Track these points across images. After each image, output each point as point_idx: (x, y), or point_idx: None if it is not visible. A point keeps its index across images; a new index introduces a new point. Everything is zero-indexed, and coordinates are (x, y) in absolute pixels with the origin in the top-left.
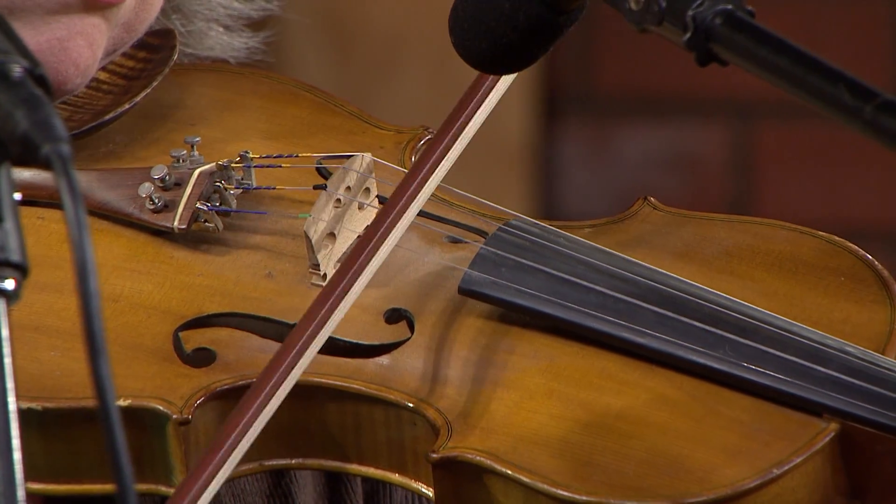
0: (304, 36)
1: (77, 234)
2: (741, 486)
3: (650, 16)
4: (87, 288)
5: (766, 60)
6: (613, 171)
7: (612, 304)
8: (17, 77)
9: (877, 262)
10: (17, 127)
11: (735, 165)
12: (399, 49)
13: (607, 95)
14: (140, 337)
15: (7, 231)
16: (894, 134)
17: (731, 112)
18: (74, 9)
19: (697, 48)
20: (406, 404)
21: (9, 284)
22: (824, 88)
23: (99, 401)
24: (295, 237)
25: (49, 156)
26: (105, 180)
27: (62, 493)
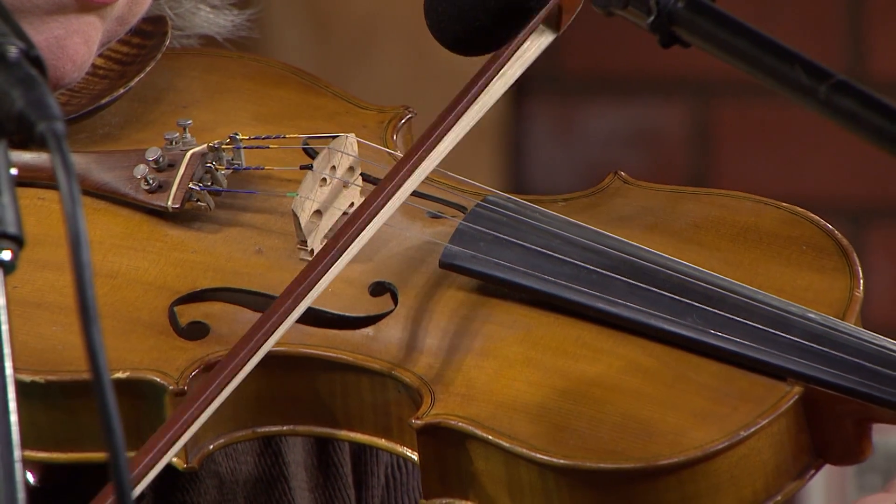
0: (285, 13)
1: (70, 207)
2: (710, 448)
3: (616, 0)
4: (79, 259)
5: (726, 42)
6: (579, 147)
7: (585, 275)
8: (13, 58)
9: (836, 231)
10: (14, 106)
11: (695, 141)
12: (376, 29)
13: (574, 75)
14: (137, 311)
15: (4, 205)
16: (847, 112)
17: (692, 91)
18: (71, 9)
19: (660, 31)
20: (391, 373)
21: (6, 255)
22: (781, 69)
23: (91, 366)
24: (283, 215)
25: (44, 133)
26: (102, 162)
27: (63, 461)
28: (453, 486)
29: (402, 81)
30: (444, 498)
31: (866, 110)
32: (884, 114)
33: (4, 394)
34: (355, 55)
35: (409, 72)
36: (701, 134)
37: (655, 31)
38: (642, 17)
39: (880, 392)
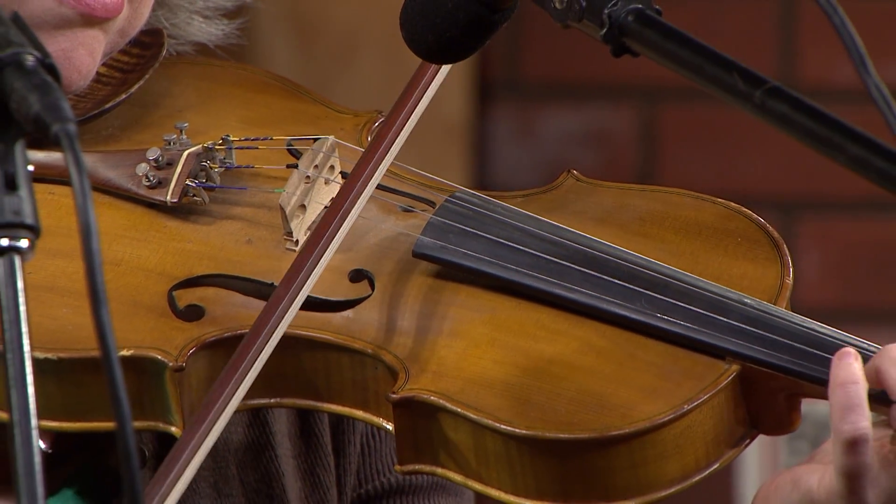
0: (272, 24)
1: (81, 200)
2: (657, 420)
3: (572, 14)
4: (89, 247)
5: (671, 52)
6: (538, 146)
7: (543, 264)
8: (30, 66)
9: (768, 224)
10: (31, 109)
11: (642, 142)
12: (357, 41)
13: (533, 81)
14: (139, 295)
15: (22, 198)
16: (780, 115)
17: (639, 95)
18: (76, 24)
19: (612, 41)
20: (368, 351)
21: (23, 243)
22: (720, 76)
23: (100, 343)
24: (271, 209)
25: (58, 133)
26: (107, 161)
27: (74, 430)
28: (425, 454)
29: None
30: (417, 464)
31: (797, 113)
32: (812, 116)
33: (23, 369)
34: (338, 64)
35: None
36: (647, 135)
37: (608, 42)
38: (596, 30)
39: (808, 370)
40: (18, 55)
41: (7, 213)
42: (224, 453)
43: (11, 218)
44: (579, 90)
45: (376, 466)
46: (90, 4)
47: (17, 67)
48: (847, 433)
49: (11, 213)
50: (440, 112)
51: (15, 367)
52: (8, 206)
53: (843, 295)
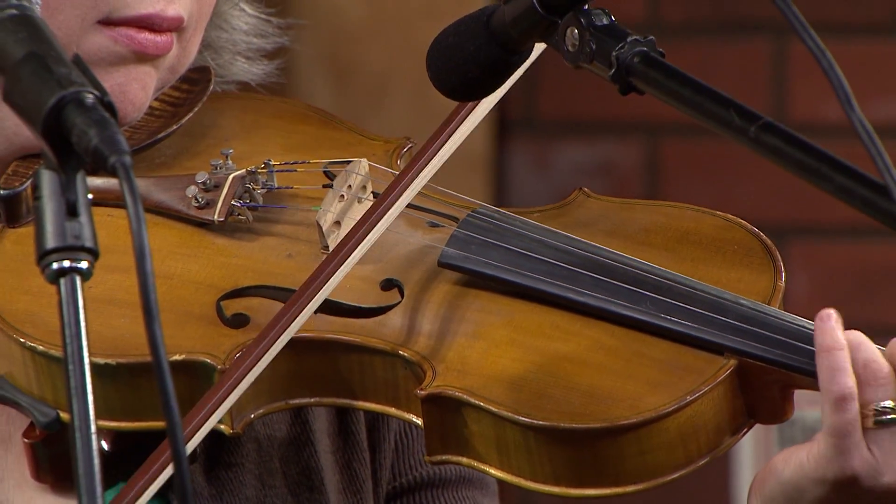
0: (311, 65)
1: (136, 225)
2: (662, 410)
3: (583, 56)
4: (143, 268)
5: (674, 91)
6: (552, 177)
7: (557, 271)
8: (90, 103)
9: (762, 234)
10: (90, 142)
11: (646, 172)
12: (387, 81)
13: (547, 118)
14: (190, 306)
15: (82, 223)
16: (772, 148)
17: (644, 130)
18: (130, 61)
19: (620, 81)
20: (398, 353)
21: (83, 265)
22: (718, 112)
23: (152, 353)
24: (309, 226)
25: (115, 165)
26: (160, 185)
27: (129, 429)
28: (451, 446)
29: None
30: (444, 454)
31: (788, 146)
32: (802, 149)
33: (83, 379)
34: (371, 103)
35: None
36: (651, 166)
37: (616, 82)
38: (605, 70)
39: (800, 363)
40: (79, 93)
41: (69, 237)
42: (268, 448)
43: (73, 242)
44: (589, 126)
45: (409, 462)
46: (142, 43)
47: (78, 105)
48: (835, 392)
49: (73, 238)
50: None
51: (76, 378)
52: (69, 231)
53: None
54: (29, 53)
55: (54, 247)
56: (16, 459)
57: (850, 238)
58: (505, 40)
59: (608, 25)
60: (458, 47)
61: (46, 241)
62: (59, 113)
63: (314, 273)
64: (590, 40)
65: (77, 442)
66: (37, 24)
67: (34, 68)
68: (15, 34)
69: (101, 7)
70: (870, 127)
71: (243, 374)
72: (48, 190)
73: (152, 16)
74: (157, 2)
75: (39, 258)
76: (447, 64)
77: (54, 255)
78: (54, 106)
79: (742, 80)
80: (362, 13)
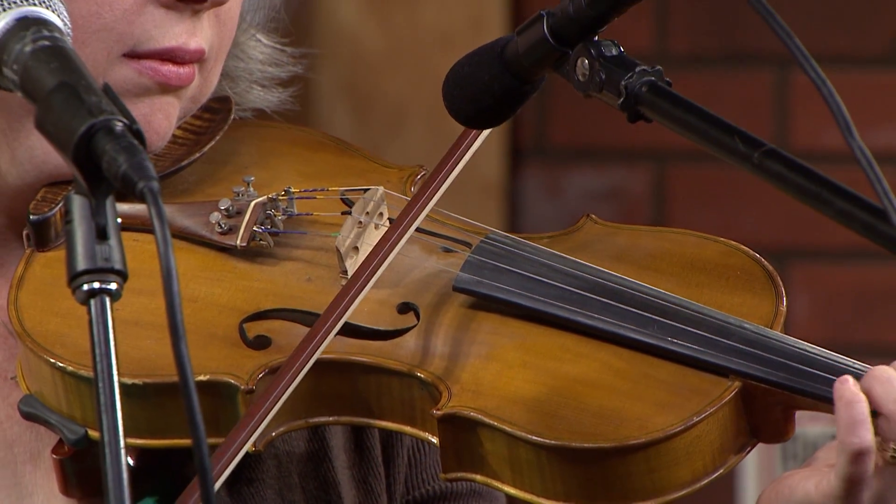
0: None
1: (163, 248)
2: (670, 431)
3: (593, 85)
4: (170, 288)
5: (680, 118)
6: (563, 202)
7: (567, 295)
8: (119, 130)
9: (764, 259)
10: (119, 168)
11: (654, 198)
12: (405, 111)
13: (559, 145)
14: (214, 328)
15: (112, 246)
16: (775, 173)
17: (652, 157)
18: (154, 91)
19: (628, 109)
20: (415, 374)
21: (113, 286)
22: (723, 139)
23: (179, 372)
24: (328, 251)
25: (143, 190)
26: (184, 211)
27: (155, 446)
28: (466, 463)
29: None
30: (459, 472)
31: (790, 172)
32: (804, 175)
33: (113, 397)
34: (389, 131)
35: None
36: (659, 191)
37: (624, 110)
38: (614, 99)
39: (802, 385)
40: (109, 121)
41: (99, 259)
42: (287, 464)
43: (102, 264)
44: (599, 152)
45: (422, 476)
46: (166, 75)
47: (107, 132)
48: (854, 445)
49: (102, 260)
50: (478, 172)
51: (105, 395)
52: (99, 254)
53: (829, 333)
54: (61, 83)
55: (85, 269)
56: (45, 475)
57: (850, 261)
58: (518, 70)
59: (617, 56)
60: (473, 77)
61: (77, 263)
62: (90, 140)
63: (335, 299)
64: (599, 70)
65: (107, 456)
66: (68, 55)
67: (66, 97)
68: (48, 64)
69: (126, 41)
70: (869, 153)
71: (276, 398)
72: (79, 214)
73: (175, 49)
74: (179, 35)
75: (71, 280)
76: (462, 93)
77: (85, 277)
78: (85, 133)
79: (746, 108)
80: (381, 44)
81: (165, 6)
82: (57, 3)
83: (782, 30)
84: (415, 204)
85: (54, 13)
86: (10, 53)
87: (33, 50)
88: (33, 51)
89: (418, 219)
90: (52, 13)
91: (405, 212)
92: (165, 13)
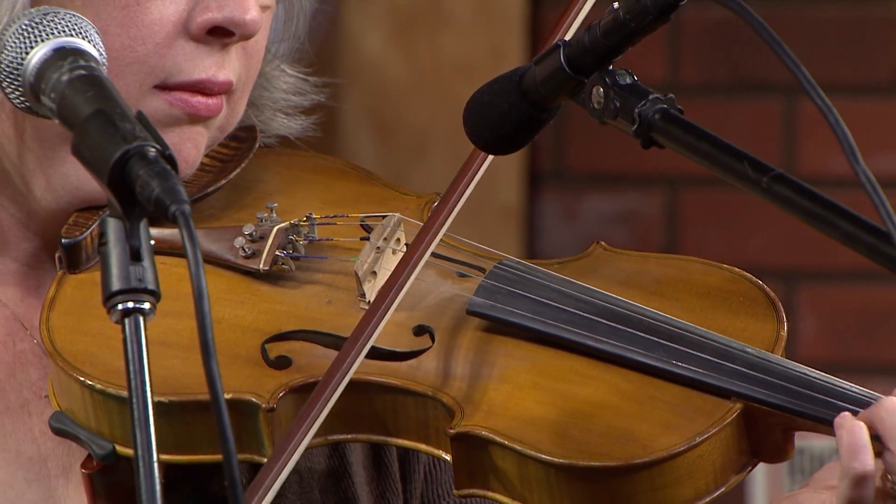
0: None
1: (195, 268)
2: (674, 450)
3: (608, 112)
4: (202, 308)
5: (692, 145)
6: (579, 226)
7: (577, 319)
8: (152, 156)
9: (766, 286)
10: (153, 192)
11: (667, 221)
12: (427, 138)
13: (575, 170)
14: (237, 348)
15: (146, 267)
16: (783, 197)
17: (664, 182)
18: (183, 122)
19: (642, 136)
20: (429, 394)
21: (146, 306)
22: (733, 165)
23: (210, 388)
24: (347, 275)
25: (175, 213)
26: (209, 235)
27: (182, 462)
28: (478, 480)
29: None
30: (471, 488)
31: (798, 196)
32: (811, 199)
33: (147, 413)
34: (412, 157)
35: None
36: (671, 215)
37: (638, 136)
38: (628, 126)
39: (801, 407)
40: (143, 147)
41: (133, 280)
42: (309, 480)
43: (136, 284)
44: (614, 178)
45: (437, 492)
46: (195, 106)
47: (141, 157)
48: (856, 470)
49: (136, 280)
50: (496, 197)
51: (139, 411)
52: (133, 275)
53: (835, 352)
54: (96, 111)
55: (119, 289)
56: (75, 489)
57: (856, 282)
58: (535, 98)
59: (631, 84)
60: (493, 105)
61: (112, 283)
62: (124, 165)
63: (361, 323)
64: (614, 98)
65: (140, 471)
66: (104, 83)
67: (101, 124)
68: (84, 93)
69: (158, 73)
70: (873, 178)
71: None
72: (114, 236)
73: (205, 81)
74: (209, 68)
75: (106, 299)
76: (482, 120)
77: (119, 297)
78: (119, 159)
79: (755, 135)
80: (404, 73)
81: (196, 40)
82: (93, 34)
83: (790, 60)
84: (429, 228)
85: (90, 43)
86: (49, 82)
87: (70, 79)
88: (70, 80)
89: (434, 240)
90: (89, 44)
91: (421, 235)
92: (195, 47)
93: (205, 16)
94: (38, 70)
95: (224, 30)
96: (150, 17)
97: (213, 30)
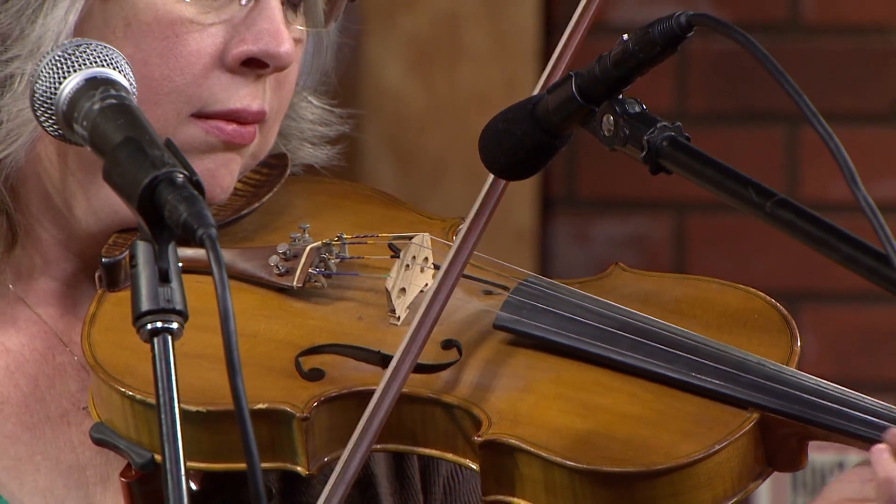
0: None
1: (220, 290)
2: (693, 457)
3: (618, 140)
4: (227, 328)
5: (698, 171)
6: (590, 249)
7: (600, 333)
8: (180, 182)
9: (779, 304)
10: (180, 216)
11: (674, 245)
12: (445, 165)
13: (586, 196)
14: (272, 361)
15: (174, 289)
16: (786, 221)
17: (672, 207)
18: (219, 149)
19: (651, 162)
20: (458, 404)
21: (174, 325)
22: (738, 190)
23: (235, 403)
24: (377, 291)
25: (202, 237)
26: (244, 255)
27: (218, 470)
28: (504, 487)
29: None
30: (498, 495)
31: (800, 220)
32: (813, 223)
33: (175, 427)
34: (430, 184)
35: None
36: (679, 239)
37: (647, 163)
38: (637, 153)
39: (815, 417)
40: (171, 173)
41: (161, 301)
42: None
43: (164, 305)
44: (624, 202)
45: (457, 503)
46: (230, 134)
47: (169, 183)
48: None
49: (165, 301)
50: (511, 221)
51: (167, 424)
52: (162, 296)
53: (837, 370)
54: (126, 138)
55: (148, 309)
56: (114, 496)
57: (857, 303)
58: (548, 126)
59: (640, 113)
60: (507, 133)
61: (142, 304)
62: (153, 190)
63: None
64: (624, 126)
65: (168, 481)
66: (133, 112)
67: (131, 151)
68: (114, 121)
69: (195, 102)
70: (873, 203)
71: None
72: (143, 259)
73: (240, 111)
74: (243, 98)
75: (135, 319)
76: (497, 148)
77: (148, 317)
78: (148, 184)
79: (759, 162)
80: (422, 104)
81: (231, 71)
82: (123, 64)
83: (793, 90)
84: (462, 249)
85: (121, 73)
86: (81, 111)
87: (101, 108)
88: (101, 108)
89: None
90: (119, 73)
91: (457, 256)
92: (231, 78)
93: (241, 48)
94: (71, 99)
95: (259, 61)
96: (189, 48)
97: (249, 61)
